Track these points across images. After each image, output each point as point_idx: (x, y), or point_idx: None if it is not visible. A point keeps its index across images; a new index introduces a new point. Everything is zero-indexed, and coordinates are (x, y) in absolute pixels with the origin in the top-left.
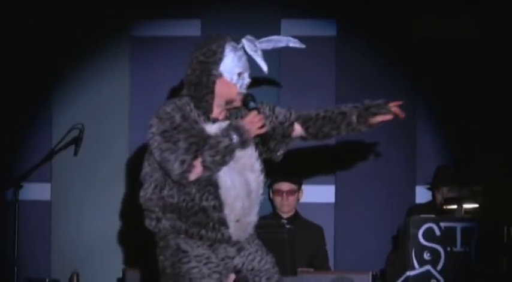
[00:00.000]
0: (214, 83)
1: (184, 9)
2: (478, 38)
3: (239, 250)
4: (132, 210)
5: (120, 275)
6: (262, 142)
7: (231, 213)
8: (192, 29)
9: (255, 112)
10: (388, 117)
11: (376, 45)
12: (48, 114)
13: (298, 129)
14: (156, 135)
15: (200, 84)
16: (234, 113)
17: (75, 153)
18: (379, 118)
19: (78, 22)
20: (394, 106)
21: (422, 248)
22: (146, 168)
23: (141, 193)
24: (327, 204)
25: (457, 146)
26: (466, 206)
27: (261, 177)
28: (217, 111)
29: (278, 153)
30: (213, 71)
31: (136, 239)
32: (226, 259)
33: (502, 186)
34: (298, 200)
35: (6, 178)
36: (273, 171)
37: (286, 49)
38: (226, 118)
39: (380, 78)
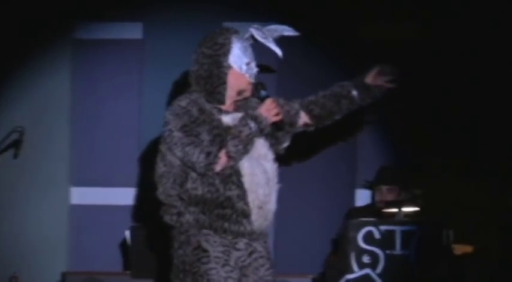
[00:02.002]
0: (226, 74)
1: (126, 12)
2: (419, 40)
3: (251, 253)
4: (73, 213)
5: (59, 278)
6: (278, 129)
7: (254, 200)
8: (133, 32)
9: (270, 99)
10: (377, 70)
11: (318, 47)
12: None
13: (303, 116)
14: (174, 132)
15: (211, 77)
16: (242, 105)
17: (15, 156)
18: (372, 74)
19: (19, 24)
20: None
21: (361, 251)
22: (162, 169)
23: (160, 190)
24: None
25: (397, 150)
26: (406, 209)
27: (275, 166)
28: (228, 102)
29: (284, 145)
30: (223, 63)
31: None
32: (239, 263)
33: (442, 190)
34: None
35: None
36: None
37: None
38: (236, 110)
39: (321, 81)
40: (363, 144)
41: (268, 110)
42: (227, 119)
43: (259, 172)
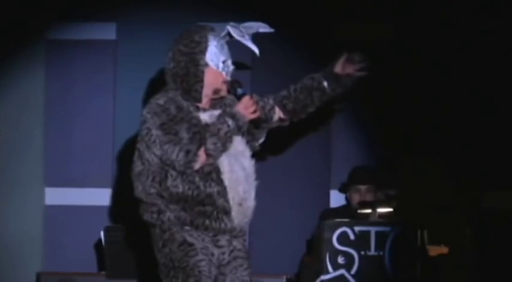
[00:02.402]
0: (203, 72)
1: (99, 13)
2: (396, 41)
3: (231, 252)
4: (48, 214)
5: (34, 279)
6: (255, 127)
7: (234, 197)
8: (107, 32)
9: (247, 97)
10: (345, 58)
11: (295, 48)
12: None
13: (277, 112)
14: (153, 130)
15: (188, 75)
16: (218, 102)
17: None
18: (340, 63)
19: None
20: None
21: (336, 252)
22: (139, 167)
23: (139, 188)
24: None
25: (371, 150)
26: (380, 210)
27: (253, 162)
28: (204, 100)
29: (260, 141)
30: (200, 61)
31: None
32: (220, 261)
33: (416, 191)
34: None
35: None
36: None
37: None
38: (213, 107)
39: (296, 78)
40: (337, 144)
41: (246, 108)
42: (205, 117)
43: (238, 169)
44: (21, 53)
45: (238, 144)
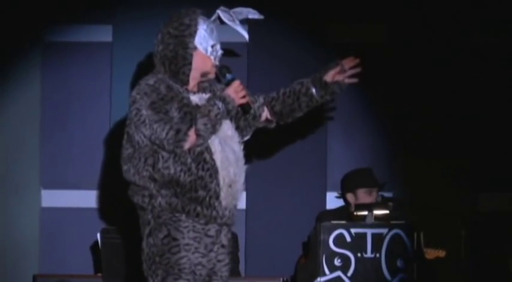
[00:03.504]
0: (191, 55)
1: (95, 15)
2: (389, 43)
3: (222, 246)
4: (44, 216)
5: (30, 281)
6: (243, 112)
7: (225, 177)
8: (103, 34)
9: (238, 81)
10: (338, 69)
11: (288, 50)
12: None
13: (265, 111)
14: (142, 110)
15: (177, 58)
16: (206, 86)
17: None
18: (331, 73)
19: None
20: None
21: (332, 254)
22: (128, 150)
23: (132, 170)
24: (238, 210)
25: (367, 152)
26: (377, 212)
27: (241, 147)
28: (192, 84)
29: (244, 138)
30: (189, 44)
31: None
32: (208, 250)
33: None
34: None
35: None
36: None
37: None
38: (200, 91)
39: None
40: (333, 146)
41: (236, 92)
42: (195, 99)
43: (228, 150)
44: (17, 55)
45: (228, 128)
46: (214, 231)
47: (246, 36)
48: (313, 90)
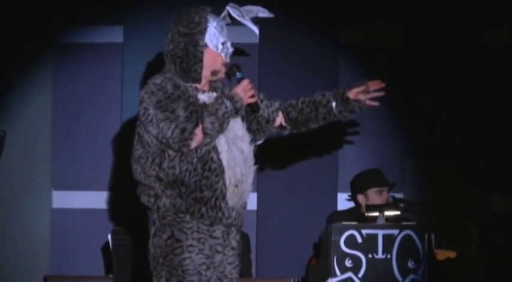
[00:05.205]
0: (202, 53)
1: (106, 16)
2: (401, 45)
3: (226, 246)
4: (56, 217)
5: None
6: (252, 111)
7: (231, 177)
8: (114, 35)
9: (247, 80)
10: (362, 88)
11: (299, 51)
12: None
13: (280, 117)
14: (149, 109)
15: (188, 56)
16: (219, 87)
17: None
18: (355, 90)
19: (0, 28)
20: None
21: (343, 255)
22: (139, 151)
23: (139, 169)
24: (249, 212)
25: (379, 153)
26: (388, 213)
27: (252, 147)
28: (203, 82)
29: (257, 142)
30: (199, 42)
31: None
32: (215, 252)
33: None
34: None
35: None
36: None
37: None
38: (210, 90)
39: (303, 85)
40: (344, 147)
41: (245, 91)
42: (203, 97)
43: (235, 150)
44: (29, 57)
45: (238, 128)
46: (221, 233)
47: (257, 31)
48: (333, 104)
